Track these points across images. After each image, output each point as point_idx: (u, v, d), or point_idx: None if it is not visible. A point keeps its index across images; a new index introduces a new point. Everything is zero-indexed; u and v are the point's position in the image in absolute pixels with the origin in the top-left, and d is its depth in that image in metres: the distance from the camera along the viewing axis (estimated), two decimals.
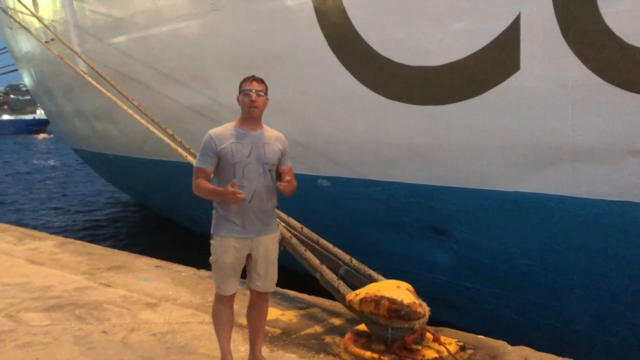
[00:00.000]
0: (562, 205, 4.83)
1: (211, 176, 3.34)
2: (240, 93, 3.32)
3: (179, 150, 6.23)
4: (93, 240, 10.69)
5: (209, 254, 3.37)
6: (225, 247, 3.30)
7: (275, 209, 3.49)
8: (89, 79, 7.97)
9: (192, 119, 7.68)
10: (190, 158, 6.03)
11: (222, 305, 3.43)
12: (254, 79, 3.31)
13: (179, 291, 5.23)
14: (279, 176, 3.36)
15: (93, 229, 13.15)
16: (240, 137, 3.29)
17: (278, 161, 3.36)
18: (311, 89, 6.09)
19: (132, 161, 10.47)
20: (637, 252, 4.59)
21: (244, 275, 3.45)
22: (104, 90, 7.58)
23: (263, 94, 3.30)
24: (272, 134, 3.39)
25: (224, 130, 3.32)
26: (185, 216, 10.43)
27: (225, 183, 3.22)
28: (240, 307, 4.02)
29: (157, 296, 5.08)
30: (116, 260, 6.39)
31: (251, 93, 3.26)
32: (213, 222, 3.36)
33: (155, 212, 13.03)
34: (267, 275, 3.41)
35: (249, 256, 3.36)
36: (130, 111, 7.14)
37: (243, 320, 3.99)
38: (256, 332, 3.54)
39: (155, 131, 6.68)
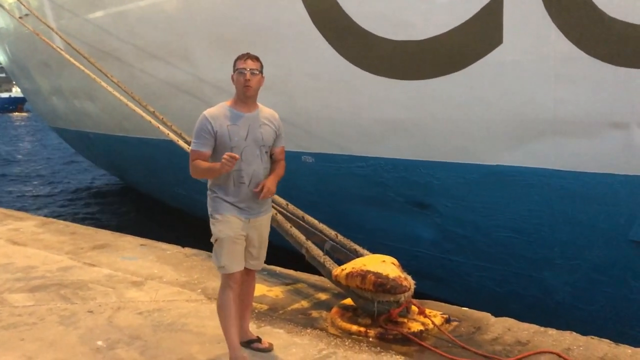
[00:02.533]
0: (544, 178, 4.89)
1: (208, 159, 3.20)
2: (234, 72, 3.21)
3: (160, 127, 6.15)
4: (74, 219, 10.60)
5: (193, 232, 3.34)
6: (228, 221, 3.20)
7: None
8: (66, 56, 7.79)
9: (172, 96, 7.58)
10: (172, 135, 5.97)
11: (229, 290, 3.23)
12: (248, 56, 3.19)
13: (164, 269, 5.22)
14: (271, 156, 3.33)
15: (74, 208, 13.02)
16: (235, 119, 3.19)
17: (273, 142, 3.31)
18: (293, 64, 6.03)
19: (111, 139, 10.33)
20: (618, 223, 4.67)
21: None
22: (81, 67, 7.43)
23: (258, 72, 3.19)
24: (267, 114, 3.31)
25: (219, 111, 3.21)
26: (167, 193, 10.37)
27: None
28: None
29: (142, 275, 5.07)
30: (100, 239, 6.34)
31: (245, 72, 3.15)
32: (210, 202, 3.27)
33: (136, 190, 12.93)
34: (259, 254, 3.40)
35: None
36: (109, 88, 7.02)
37: None
38: (244, 308, 3.54)
39: (135, 108, 6.58)
